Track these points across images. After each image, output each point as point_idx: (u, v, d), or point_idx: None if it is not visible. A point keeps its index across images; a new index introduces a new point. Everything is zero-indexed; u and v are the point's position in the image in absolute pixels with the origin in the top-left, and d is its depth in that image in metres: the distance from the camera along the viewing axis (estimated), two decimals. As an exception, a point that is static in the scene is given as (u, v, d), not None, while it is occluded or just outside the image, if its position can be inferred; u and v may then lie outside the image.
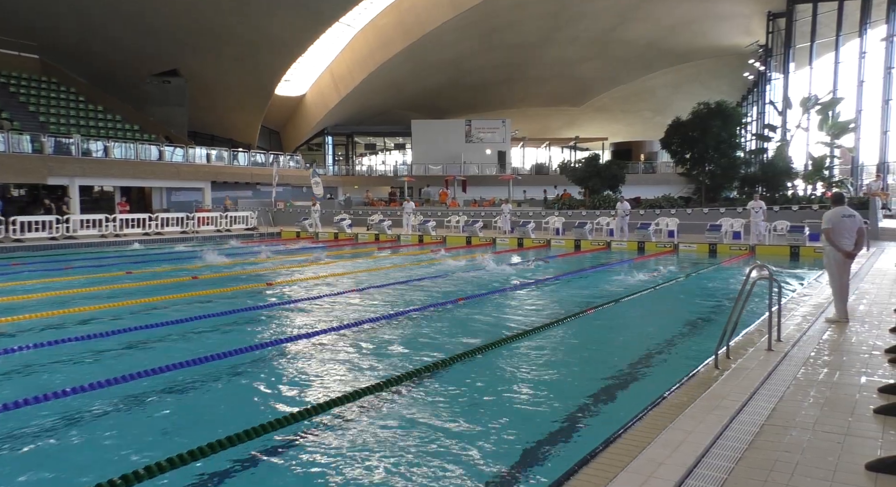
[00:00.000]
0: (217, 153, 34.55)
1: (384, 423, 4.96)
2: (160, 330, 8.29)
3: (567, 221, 24.17)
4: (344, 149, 55.60)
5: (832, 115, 27.25)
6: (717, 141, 25.92)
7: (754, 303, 8.22)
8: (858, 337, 6.61)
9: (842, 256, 7.25)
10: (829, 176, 27.16)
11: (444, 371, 6.31)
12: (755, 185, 26.28)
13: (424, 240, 23.55)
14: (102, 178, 28.52)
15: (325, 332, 8.11)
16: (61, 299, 10.64)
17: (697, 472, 3.44)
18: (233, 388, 6.05)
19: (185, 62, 37.05)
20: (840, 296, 7.40)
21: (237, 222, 28.35)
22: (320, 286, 12.42)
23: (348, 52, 41.24)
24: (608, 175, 29.51)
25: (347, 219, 26.73)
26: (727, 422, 4.16)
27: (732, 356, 5.82)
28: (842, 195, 7.77)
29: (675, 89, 49.89)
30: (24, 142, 25.15)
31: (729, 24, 39.52)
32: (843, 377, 5.22)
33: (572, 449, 4.32)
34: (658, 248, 19.54)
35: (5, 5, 28.95)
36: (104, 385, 5.73)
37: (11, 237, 20.72)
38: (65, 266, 15.64)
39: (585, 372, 6.51)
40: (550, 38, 41.27)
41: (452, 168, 44.21)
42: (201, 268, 15.23)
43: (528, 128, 55.51)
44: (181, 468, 4.00)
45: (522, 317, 9.14)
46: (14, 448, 4.61)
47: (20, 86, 31.12)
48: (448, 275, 13.83)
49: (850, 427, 4.10)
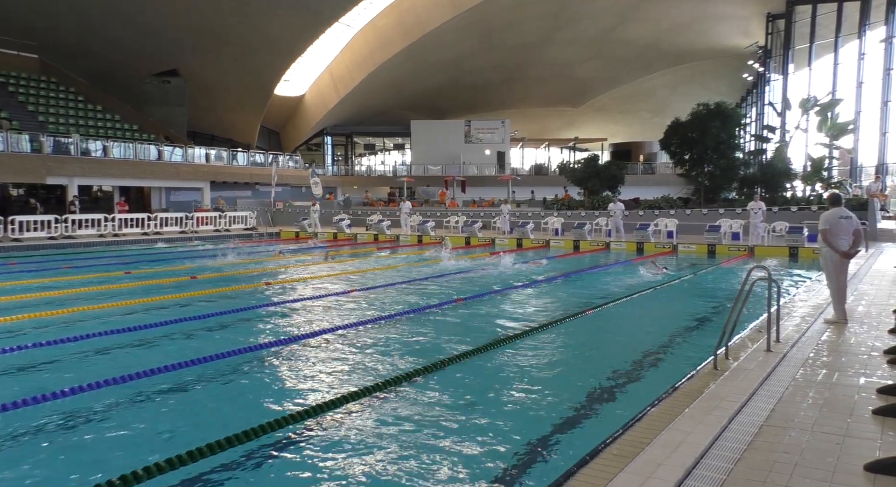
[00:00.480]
0: (216, 153, 34.55)
1: (382, 423, 4.96)
2: (157, 329, 8.28)
3: (566, 222, 24.17)
4: (343, 149, 55.61)
5: (831, 117, 27.29)
6: (716, 142, 25.93)
7: (753, 304, 8.23)
8: (857, 338, 6.62)
9: (839, 257, 7.26)
10: (827, 177, 27.19)
11: (442, 371, 6.31)
12: (754, 186, 26.31)
13: (424, 240, 23.56)
14: (101, 178, 28.51)
15: (324, 333, 8.10)
16: (59, 299, 10.63)
17: (696, 473, 3.44)
18: (232, 388, 6.04)
19: (185, 62, 37.04)
20: (838, 297, 7.41)
21: (236, 222, 28.34)
22: (318, 286, 12.41)
23: (348, 53, 41.24)
24: (607, 175, 29.52)
25: (346, 220, 26.72)
26: (726, 423, 4.17)
27: (731, 357, 5.83)
28: (838, 196, 7.77)
29: (673, 90, 49.94)
30: (24, 142, 25.13)
31: (728, 26, 39.55)
32: (842, 378, 5.23)
33: (571, 450, 4.32)
34: (657, 249, 19.55)
35: (5, 5, 28.92)
36: (102, 385, 5.72)
37: (10, 236, 20.70)
38: (64, 265, 15.63)
39: (584, 372, 6.51)
40: (550, 38, 41.28)
41: (452, 168, 44.21)
42: (199, 268, 15.22)
43: (528, 129, 55.54)
44: (180, 468, 4.00)
45: (520, 318, 9.14)
46: (13, 448, 4.61)
47: (19, 85, 31.11)
48: (448, 275, 13.83)
49: (848, 428, 4.10)
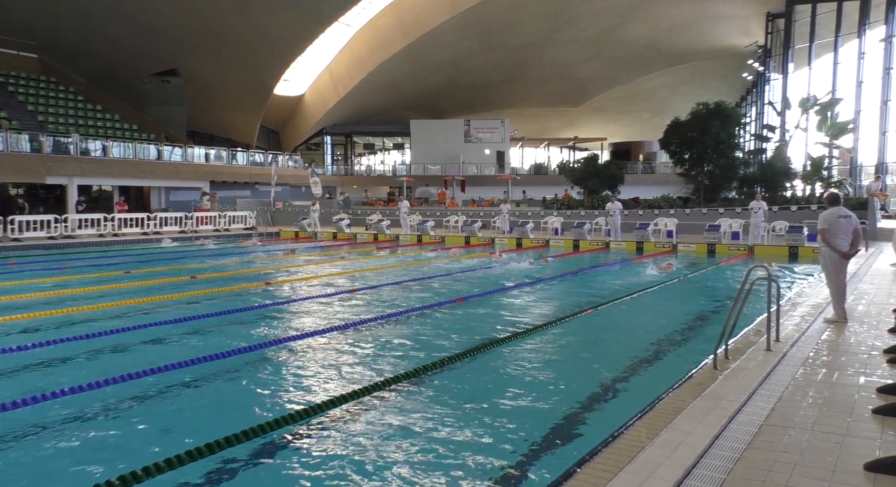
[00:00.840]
0: (216, 153, 34.53)
1: (382, 424, 4.95)
2: (155, 329, 8.28)
3: (566, 221, 24.16)
4: (343, 148, 55.61)
5: (831, 116, 27.29)
6: (715, 141, 25.93)
7: (753, 304, 8.23)
8: (857, 338, 6.61)
9: (838, 257, 7.25)
10: (827, 176, 27.19)
11: (444, 370, 6.31)
12: (754, 186, 26.31)
13: (423, 240, 23.57)
14: (101, 178, 28.49)
15: (324, 332, 8.10)
16: (59, 298, 10.63)
17: (696, 472, 3.44)
18: (232, 388, 6.05)
19: (185, 62, 37.02)
20: (838, 297, 7.41)
21: (236, 222, 28.33)
22: (318, 285, 12.41)
23: (347, 52, 41.22)
24: (607, 175, 29.52)
25: (346, 219, 26.71)
26: (726, 423, 4.17)
27: (731, 356, 5.82)
28: (837, 195, 7.74)
29: (673, 90, 49.93)
30: (23, 142, 25.12)
31: (728, 25, 39.54)
32: (842, 377, 5.22)
33: (571, 450, 4.32)
34: (657, 248, 19.55)
35: (5, 5, 28.91)
36: (101, 385, 5.72)
37: (10, 236, 20.70)
38: (63, 265, 15.62)
39: (584, 372, 6.52)
40: (549, 38, 41.27)
41: (451, 168, 44.21)
42: (199, 268, 15.22)
43: (527, 129, 55.53)
44: (179, 469, 3.99)
45: (520, 317, 9.13)
46: (17, 448, 4.60)
47: (19, 85, 31.10)
48: (449, 275, 13.83)
49: (848, 427, 4.10)
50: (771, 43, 36.93)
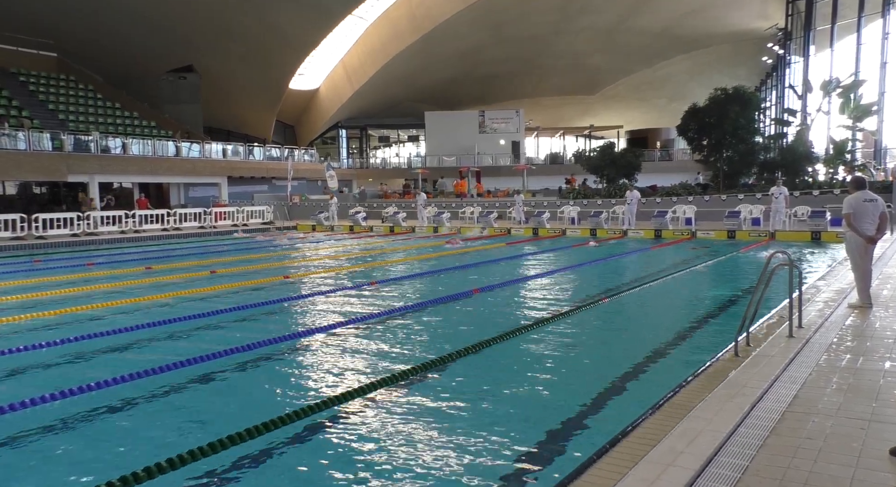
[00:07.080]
0: (233, 148, 34.80)
1: (390, 418, 4.97)
2: (163, 327, 8.40)
3: (582, 210, 24.01)
4: (358, 142, 55.72)
5: (854, 98, 26.70)
6: (734, 126, 25.52)
7: (775, 290, 8.11)
8: (882, 322, 6.50)
9: (863, 241, 7.13)
10: (850, 159, 26.65)
11: (466, 359, 6.32)
12: (774, 171, 25.88)
13: (439, 231, 23.61)
14: (121, 175, 28.86)
15: (337, 327, 8.14)
16: (86, 294, 10.82)
17: (719, 459, 3.41)
18: (246, 382, 6.12)
19: (199, 59, 37.31)
20: (863, 281, 7.29)
21: (254, 216, 28.58)
22: (336, 279, 12.49)
23: (361, 45, 41.21)
24: (623, 163, 29.22)
25: (362, 212, 26.79)
26: (748, 410, 4.12)
27: (753, 343, 5.75)
28: (862, 179, 7.59)
29: (690, 76, 49.17)
30: (45, 141, 25.46)
31: (745, 9, 38.78)
32: (867, 362, 5.14)
33: (591, 439, 4.31)
34: (675, 236, 19.34)
35: (23, 4, 29.30)
36: (119, 381, 5.82)
37: (34, 234, 21.08)
38: (87, 262, 15.89)
39: (604, 360, 6.50)
40: (562, 28, 40.84)
41: (466, 159, 44.10)
42: (218, 263, 15.40)
43: (542, 118, 55.11)
44: (180, 469, 3.99)
45: (538, 307, 9.11)
46: (24, 446, 4.71)
47: (39, 84, 31.55)
48: (465, 266, 13.84)
49: (873, 412, 4.04)
50: (791, 25, 36.15)
